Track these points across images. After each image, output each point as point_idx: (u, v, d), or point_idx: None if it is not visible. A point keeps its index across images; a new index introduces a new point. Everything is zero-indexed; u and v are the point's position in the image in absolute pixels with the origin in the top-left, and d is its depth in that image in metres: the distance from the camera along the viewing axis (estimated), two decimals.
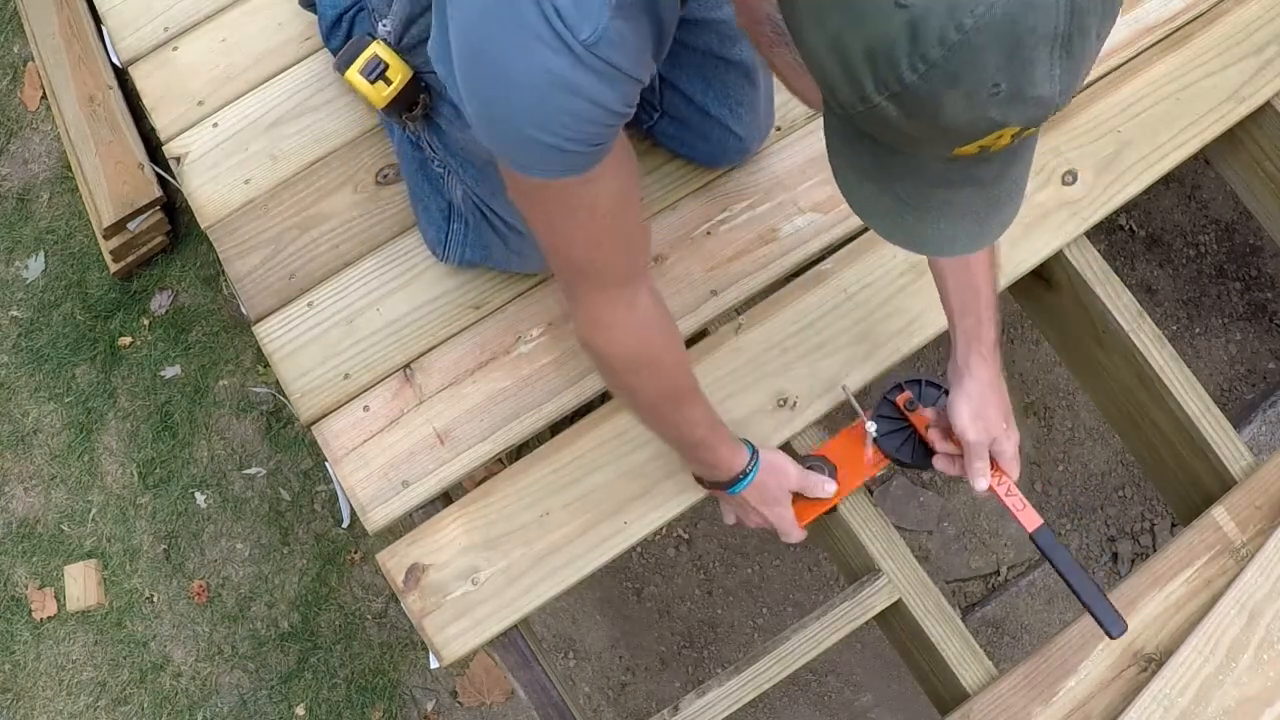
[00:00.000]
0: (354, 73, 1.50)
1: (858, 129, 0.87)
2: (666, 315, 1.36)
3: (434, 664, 1.62)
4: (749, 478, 1.49)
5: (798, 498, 1.57)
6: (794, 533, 1.57)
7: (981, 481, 1.48)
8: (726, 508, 1.59)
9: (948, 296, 1.47)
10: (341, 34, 1.66)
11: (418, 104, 1.54)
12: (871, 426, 1.56)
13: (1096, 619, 1.46)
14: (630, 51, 1.02)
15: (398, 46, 1.51)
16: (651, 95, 1.65)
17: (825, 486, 1.57)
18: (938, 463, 1.55)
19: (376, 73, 1.49)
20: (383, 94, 1.50)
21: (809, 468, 1.57)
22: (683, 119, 1.66)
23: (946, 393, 1.54)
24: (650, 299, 1.32)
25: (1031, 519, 1.49)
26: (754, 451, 1.50)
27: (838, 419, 1.70)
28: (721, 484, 1.51)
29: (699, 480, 1.57)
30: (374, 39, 1.52)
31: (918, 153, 0.87)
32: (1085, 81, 1.85)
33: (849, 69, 0.80)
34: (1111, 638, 1.46)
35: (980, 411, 1.47)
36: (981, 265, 1.41)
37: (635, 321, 1.30)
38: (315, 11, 1.74)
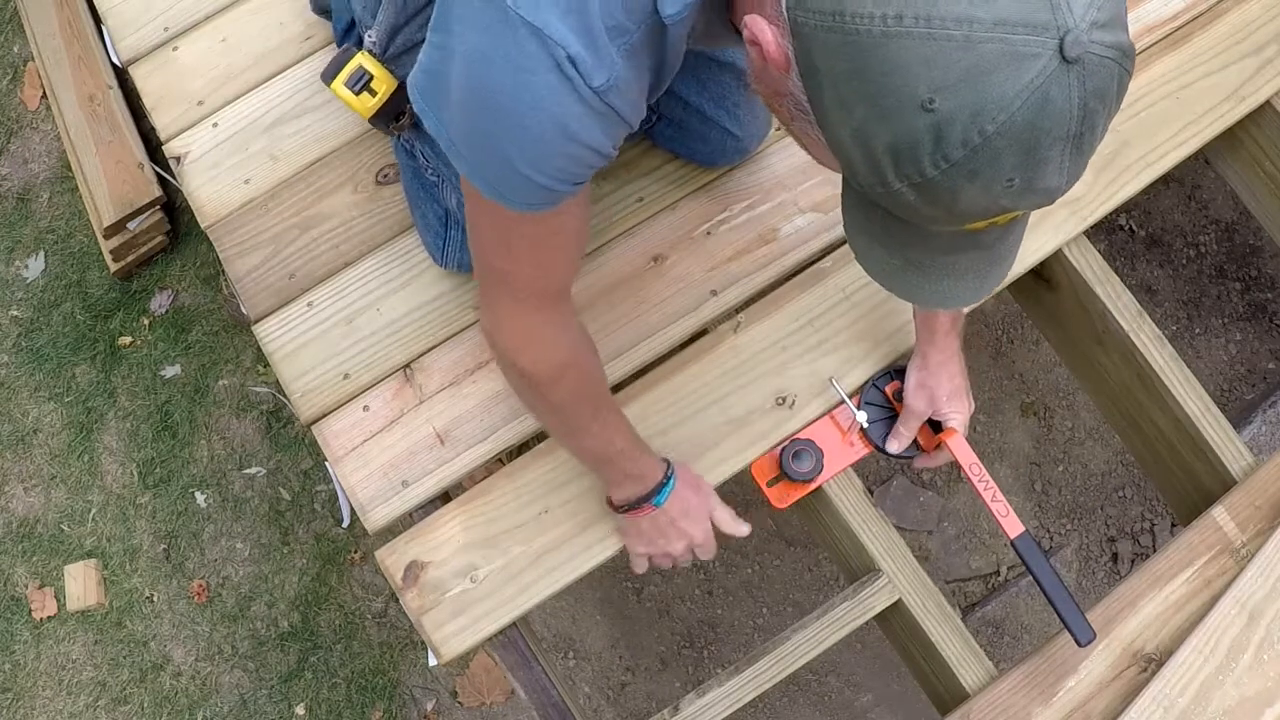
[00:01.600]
0: (339, 84, 1.50)
1: (874, 203, 0.91)
2: (583, 327, 1.38)
3: (432, 661, 1.62)
4: (670, 484, 1.49)
5: (780, 478, 1.61)
6: (710, 548, 1.55)
7: (894, 444, 1.61)
8: (640, 542, 1.55)
9: None
10: (354, 39, 1.66)
11: (404, 113, 1.54)
12: (862, 416, 1.61)
13: (1067, 626, 1.52)
14: (632, 98, 1.04)
15: (383, 57, 1.51)
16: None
17: (739, 528, 1.57)
18: (891, 445, 1.62)
19: (361, 84, 1.49)
20: (368, 105, 1.51)
21: (796, 451, 1.59)
22: (680, 122, 1.66)
23: None
24: (572, 312, 1.34)
25: (1014, 525, 1.54)
26: (667, 461, 1.51)
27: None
28: (645, 496, 1.48)
29: (617, 508, 1.52)
30: (359, 50, 1.52)
31: (930, 227, 0.91)
32: None
33: (871, 158, 0.85)
34: (1080, 645, 1.52)
35: (925, 382, 1.58)
36: None
37: (562, 337, 1.32)
38: (329, 18, 1.74)
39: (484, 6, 0.98)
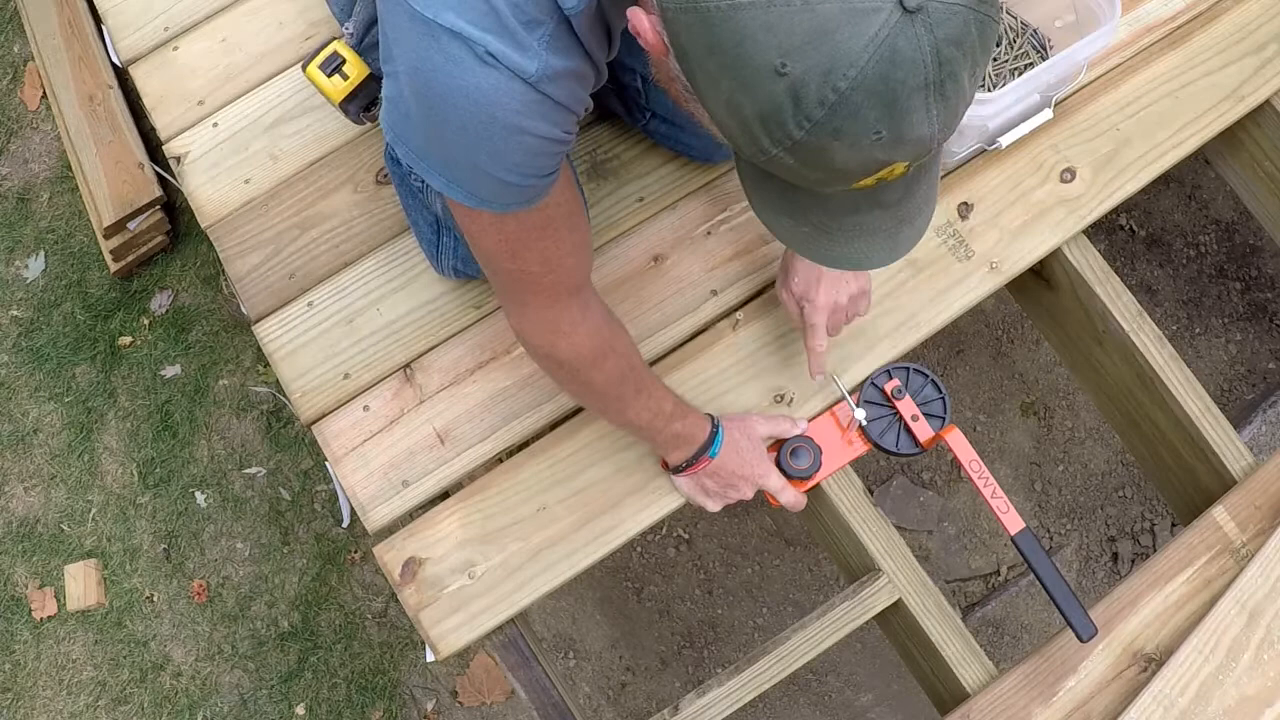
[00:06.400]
0: (314, 67, 1.52)
1: (765, 172, 0.94)
2: (608, 308, 1.42)
3: (430, 658, 1.62)
4: (720, 433, 1.53)
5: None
6: (787, 491, 1.57)
7: (816, 341, 1.56)
8: (707, 498, 1.58)
9: None
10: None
11: (376, 102, 1.55)
12: (860, 414, 1.61)
13: (1068, 621, 1.52)
14: (569, 86, 1.08)
15: (359, 47, 1.53)
16: (639, 96, 1.66)
17: (795, 423, 1.60)
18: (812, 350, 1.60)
19: (333, 67, 1.51)
20: (339, 88, 1.52)
21: (794, 449, 1.59)
22: (672, 118, 1.67)
23: (934, 382, 1.63)
24: (596, 296, 1.38)
25: (1014, 521, 1.54)
26: (711, 415, 1.56)
27: None
28: (699, 451, 1.53)
29: (674, 470, 1.57)
30: (336, 39, 1.53)
31: (821, 189, 0.94)
32: (1085, 79, 1.85)
33: (745, 127, 0.89)
34: (1081, 641, 1.52)
35: (788, 266, 1.57)
36: None
37: (590, 320, 1.35)
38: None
39: (410, 25, 1.04)
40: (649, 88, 1.64)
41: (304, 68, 1.54)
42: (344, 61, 1.51)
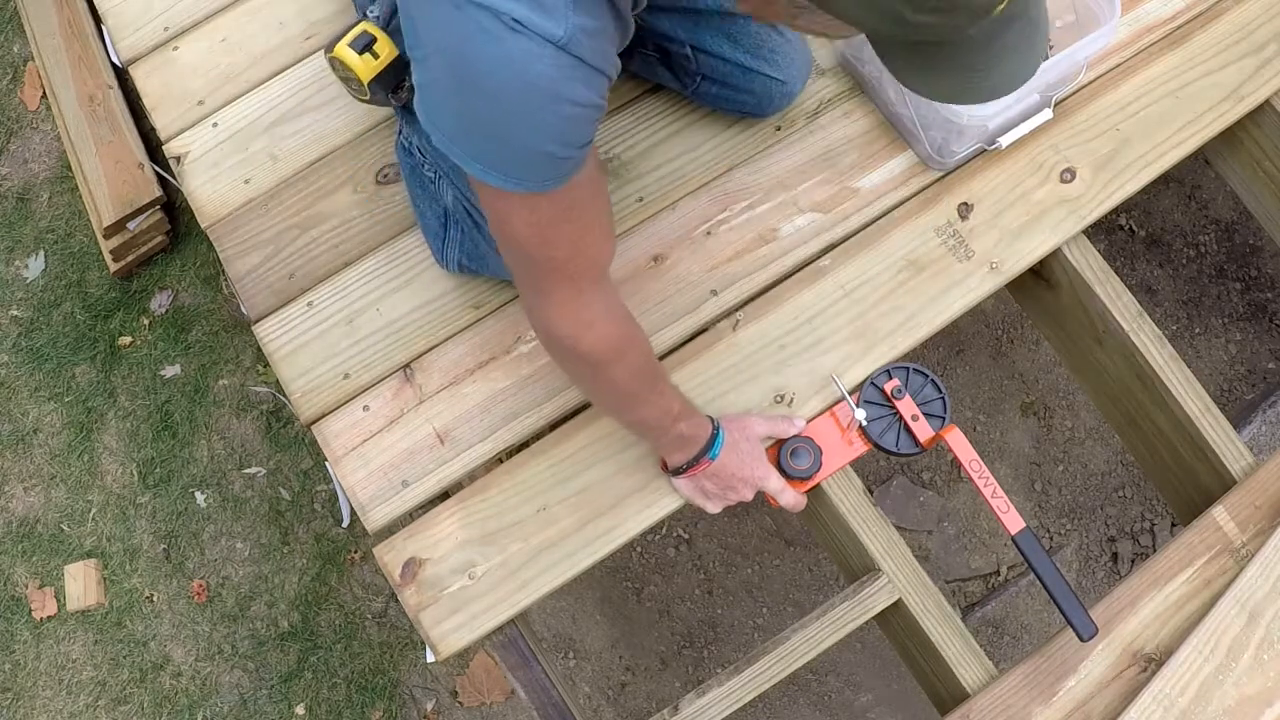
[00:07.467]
0: (344, 46, 1.51)
1: (907, 44, 0.95)
2: (622, 300, 1.41)
3: (430, 658, 1.62)
4: (720, 435, 1.53)
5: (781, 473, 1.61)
6: (786, 492, 1.57)
7: None
8: (709, 495, 1.58)
9: None
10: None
11: (403, 86, 1.55)
12: (860, 414, 1.61)
13: (1069, 621, 1.53)
14: (600, 46, 1.08)
15: (386, 28, 1.53)
16: (686, 63, 1.67)
17: (793, 422, 1.60)
18: None
19: (364, 45, 1.51)
20: (371, 66, 1.51)
21: (794, 449, 1.59)
22: (723, 79, 1.68)
23: (934, 382, 1.64)
24: (615, 289, 1.38)
25: (1015, 521, 1.55)
26: (711, 418, 1.55)
27: None
28: (699, 453, 1.52)
29: (674, 471, 1.57)
30: (363, 19, 1.53)
31: (966, 34, 0.94)
32: (1085, 79, 1.86)
33: (885, 11, 0.91)
34: (1082, 640, 1.53)
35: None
36: None
37: (613, 312, 1.35)
38: None
39: (436, 4, 1.05)
40: (699, 54, 1.65)
41: (328, 50, 1.53)
42: (375, 40, 1.51)
